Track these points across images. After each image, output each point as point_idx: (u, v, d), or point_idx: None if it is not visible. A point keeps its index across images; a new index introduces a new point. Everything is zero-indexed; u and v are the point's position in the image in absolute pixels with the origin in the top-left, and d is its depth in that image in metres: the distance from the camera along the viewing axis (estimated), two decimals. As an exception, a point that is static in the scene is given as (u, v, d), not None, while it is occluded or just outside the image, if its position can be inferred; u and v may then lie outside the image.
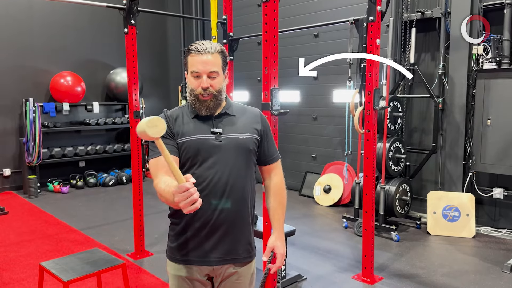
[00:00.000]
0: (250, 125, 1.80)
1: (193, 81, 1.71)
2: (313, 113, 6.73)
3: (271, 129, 1.93)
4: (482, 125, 4.72)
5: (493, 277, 3.77)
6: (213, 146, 1.70)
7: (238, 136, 1.74)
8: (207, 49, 1.69)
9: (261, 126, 1.82)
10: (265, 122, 1.87)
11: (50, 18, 7.26)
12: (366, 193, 3.62)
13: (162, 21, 8.79)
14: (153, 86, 8.75)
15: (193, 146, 1.70)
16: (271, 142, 1.88)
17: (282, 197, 1.88)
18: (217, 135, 1.72)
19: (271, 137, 1.89)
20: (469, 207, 4.77)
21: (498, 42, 4.65)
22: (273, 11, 2.66)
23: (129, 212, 5.33)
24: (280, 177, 1.90)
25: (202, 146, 1.70)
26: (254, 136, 1.78)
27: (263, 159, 1.86)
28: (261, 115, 1.88)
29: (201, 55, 1.69)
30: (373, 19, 3.40)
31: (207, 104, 1.71)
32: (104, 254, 2.87)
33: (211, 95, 1.71)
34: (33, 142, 6.62)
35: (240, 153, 1.74)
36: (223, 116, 1.77)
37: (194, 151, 1.70)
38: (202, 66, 1.68)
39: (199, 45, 1.70)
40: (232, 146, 1.72)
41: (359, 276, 3.74)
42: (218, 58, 1.72)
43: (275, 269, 1.81)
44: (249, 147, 1.76)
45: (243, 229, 1.77)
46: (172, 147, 1.71)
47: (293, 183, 6.89)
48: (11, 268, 3.94)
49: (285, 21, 6.35)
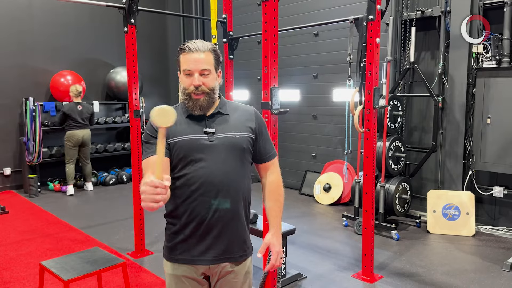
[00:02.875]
0: (244, 124, 1.78)
1: (185, 80, 1.71)
2: (313, 112, 6.73)
3: (271, 128, 1.92)
4: (482, 124, 4.72)
5: (492, 275, 3.77)
6: (206, 146, 1.70)
7: (231, 135, 1.73)
8: (199, 48, 1.69)
9: (255, 124, 1.80)
10: (259, 119, 1.84)
11: (50, 17, 7.26)
12: (366, 192, 3.62)
13: (162, 20, 8.78)
14: (153, 85, 8.75)
15: (185, 146, 1.70)
16: (267, 140, 1.86)
17: (278, 195, 1.86)
18: (210, 135, 1.71)
19: (266, 135, 1.86)
20: (469, 206, 4.78)
21: (498, 41, 4.65)
22: (273, 10, 2.66)
23: (129, 211, 5.33)
24: (276, 175, 1.88)
25: (194, 146, 1.69)
26: (248, 135, 1.77)
27: (259, 157, 1.84)
28: (256, 112, 1.85)
29: (192, 53, 1.69)
30: (373, 18, 3.40)
31: (200, 103, 1.70)
32: (104, 253, 2.87)
33: (204, 93, 1.70)
34: (33, 141, 6.62)
35: (234, 153, 1.73)
36: (216, 116, 1.76)
37: (186, 151, 1.69)
38: (193, 64, 1.68)
39: (191, 43, 1.70)
40: (225, 146, 1.71)
41: (359, 274, 3.75)
42: (210, 56, 1.71)
43: (270, 266, 1.80)
44: (242, 146, 1.74)
45: (238, 228, 1.76)
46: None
47: (293, 182, 6.90)
48: (12, 267, 3.95)
49: (285, 20, 6.34)
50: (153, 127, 1.74)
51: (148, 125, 1.77)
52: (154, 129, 1.73)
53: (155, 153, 1.66)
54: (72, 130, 6.62)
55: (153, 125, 1.73)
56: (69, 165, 6.67)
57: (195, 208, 1.69)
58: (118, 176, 7.50)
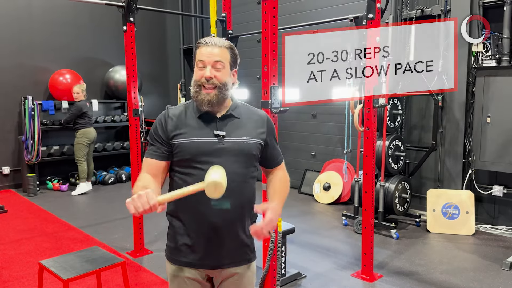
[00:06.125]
0: (255, 130, 1.76)
1: (198, 72, 1.68)
2: (312, 111, 6.72)
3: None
4: (481, 123, 4.72)
5: (492, 274, 3.77)
6: (215, 149, 1.67)
7: (241, 140, 1.71)
8: (215, 42, 1.69)
9: (266, 131, 1.79)
10: (270, 126, 1.84)
11: (49, 16, 7.24)
12: (365, 191, 3.62)
13: (161, 18, 8.77)
14: (152, 83, 8.73)
15: (192, 149, 1.66)
16: (275, 147, 1.86)
17: (285, 186, 1.87)
18: (220, 138, 1.68)
19: (275, 140, 1.87)
20: (469, 205, 4.77)
21: (498, 40, 4.64)
22: (272, 9, 2.65)
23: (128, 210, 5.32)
24: (284, 172, 1.90)
25: (203, 149, 1.66)
26: (258, 141, 1.76)
27: (267, 163, 1.86)
28: (268, 119, 1.84)
29: (208, 47, 1.68)
30: (372, 17, 3.40)
31: (209, 98, 1.65)
32: (103, 252, 2.86)
33: (215, 86, 1.66)
34: (32, 140, 6.61)
35: (242, 158, 1.71)
36: (228, 118, 1.72)
37: (193, 154, 1.66)
38: (207, 56, 1.67)
39: (209, 38, 1.70)
40: (235, 150, 1.69)
41: (359, 273, 3.74)
42: (226, 52, 1.70)
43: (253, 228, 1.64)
44: (251, 152, 1.73)
45: (242, 232, 1.75)
46: (161, 152, 1.70)
47: (293, 180, 6.87)
48: (11, 266, 3.94)
49: (284, 18, 6.32)
50: (158, 129, 1.72)
51: (154, 124, 1.75)
52: (159, 132, 1.72)
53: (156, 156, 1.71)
54: (87, 128, 6.67)
55: (158, 126, 1.72)
56: (84, 162, 6.66)
57: (196, 211, 1.67)
58: (117, 175, 7.48)
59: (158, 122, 1.75)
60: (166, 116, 1.74)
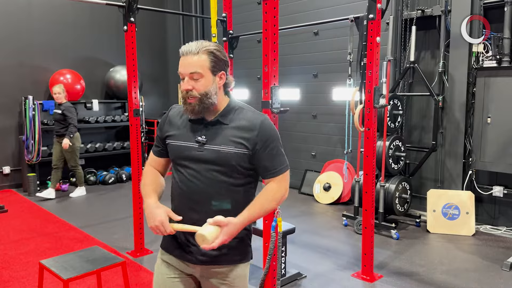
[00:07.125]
0: (239, 137, 1.64)
1: (181, 84, 1.68)
2: (313, 111, 6.72)
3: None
4: (482, 123, 4.72)
5: (492, 275, 3.77)
6: (193, 156, 1.68)
7: (219, 149, 1.64)
8: (192, 50, 1.62)
9: (256, 137, 1.64)
10: (265, 132, 1.66)
11: (49, 15, 7.24)
12: (365, 191, 3.62)
13: (161, 18, 8.77)
14: (153, 84, 8.74)
15: (174, 151, 1.74)
16: (272, 155, 1.67)
17: (266, 200, 1.68)
18: (200, 144, 1.67)
19: (272, 149, 1.68)
20: (469, 205, 4.77)
21: (498, 40, 4.64)
22: (273, 9, 2.65)
23: (128, 210, 5.31)
24: (277, 185, 1.69)
25: (183, 153, 1.70)
26: (241, 151, 1.63)
27: (260, 172, 1.71)
28: (261, 126, 1.66)
29: (184, 57, 1.64)
30: (373, 17, 3.39)
31: (191, 108, 1.64)
32: (104, 252, 2.86)
33: (195, 98, 1.63)
34: (32, 140, 6.61)
35: (221, 167, 1.64)
36: (216, 124, 1.68)
37: (176, 155, 1.73)
38: (183, 68, 1.64)
39: (185, 46, 1.65)
40: (213, 159, 1.64)
41: (359, 274, 3.74)
42: (204, 58, 1.61)
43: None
44: (230, 163, 1.63)
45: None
46: (160, 150, 1.83)
47: (293, 181, 6.88)
48: (11, 266, 3.94)
49: (285, 18, 6.33)
50: (159, 127, 1.84)
51: (161, 122, 1.83)
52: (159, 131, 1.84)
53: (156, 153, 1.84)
54: (77, 132, 6.40)
55: (160, 125, 1.83)
56: (80, 167, 6.57)
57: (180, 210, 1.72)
58: (118, 175, 7.49)
59: (161, 121, 1.85)
60: (166, 115, 1.83)
